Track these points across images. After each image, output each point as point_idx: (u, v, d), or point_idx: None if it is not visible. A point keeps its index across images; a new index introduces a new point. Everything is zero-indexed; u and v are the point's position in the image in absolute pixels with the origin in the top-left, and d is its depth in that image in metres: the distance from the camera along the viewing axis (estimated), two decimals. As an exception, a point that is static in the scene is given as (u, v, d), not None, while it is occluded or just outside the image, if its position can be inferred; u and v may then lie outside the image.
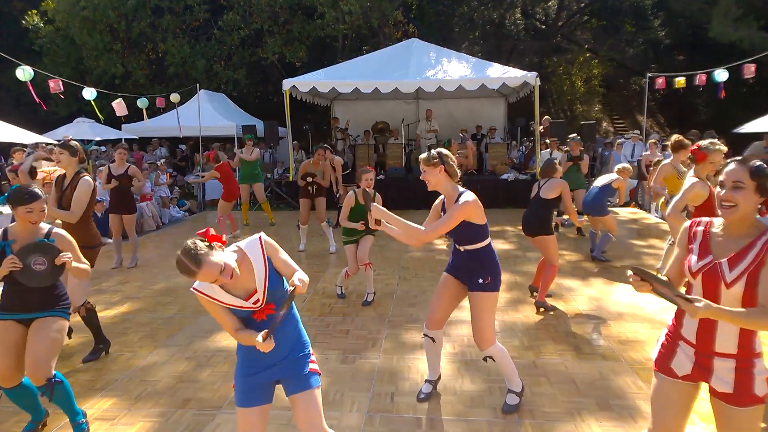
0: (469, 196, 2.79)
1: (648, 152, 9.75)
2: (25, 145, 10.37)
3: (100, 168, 6.62)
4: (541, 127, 11.32)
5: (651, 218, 9.51)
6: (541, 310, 4.67)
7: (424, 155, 2.86)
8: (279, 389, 2.20)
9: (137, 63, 17.92)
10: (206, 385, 3.43)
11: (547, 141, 11.20)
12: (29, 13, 18.34)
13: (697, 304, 1.69)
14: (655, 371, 2.03)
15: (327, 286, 5.60)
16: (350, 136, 12.89)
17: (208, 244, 1.89)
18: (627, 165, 6.59)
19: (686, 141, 5.20)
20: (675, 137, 5.30)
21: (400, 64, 11.63)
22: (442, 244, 7.53)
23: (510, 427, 2.86)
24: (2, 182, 9.17)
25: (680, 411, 1.97)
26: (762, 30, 14.94)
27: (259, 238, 2.06)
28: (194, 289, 1.99)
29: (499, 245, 7.38)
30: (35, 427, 2.87)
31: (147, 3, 17.50)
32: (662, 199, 5.56)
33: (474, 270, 2.91)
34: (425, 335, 3.13)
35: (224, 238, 1.98)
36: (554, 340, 4.03)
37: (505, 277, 5.82)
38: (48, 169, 5.36)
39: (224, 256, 1.92)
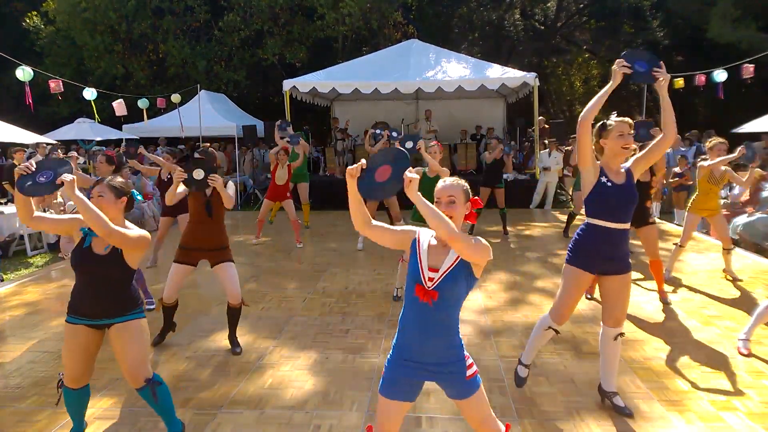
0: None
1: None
2: (25, 146, 10.39)
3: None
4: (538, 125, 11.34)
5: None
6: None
7: (629, 120, 2.88)
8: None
9: (138, 64, 17.93)
10: (207, 384, 3.44)
11: (546, 141, 11.23)
12: (30, 14, 18.36)
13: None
14: None
15: (327, 285, 5.61)
16: (350, 137, 12.92)
17: None
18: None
19: (717, 140, 5.23)
20: (714, 139, 5.31)
21: (399, 65, 11.66)
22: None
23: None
24: (3, 182, 9.16)
25: None
26: (760, 31, 14.96)
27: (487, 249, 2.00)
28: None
29: (498, 245, 7.39)
30: None
31: (148, 4, 17.52)
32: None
33: (626, 249, 2.87)
34: (550, 328, 3.01)
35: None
36: (554, 340, 4.03)
37: (504, 276, 5.84)
38: None
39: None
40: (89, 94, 9.97)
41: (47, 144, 10.88)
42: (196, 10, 17.70)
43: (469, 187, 2.10)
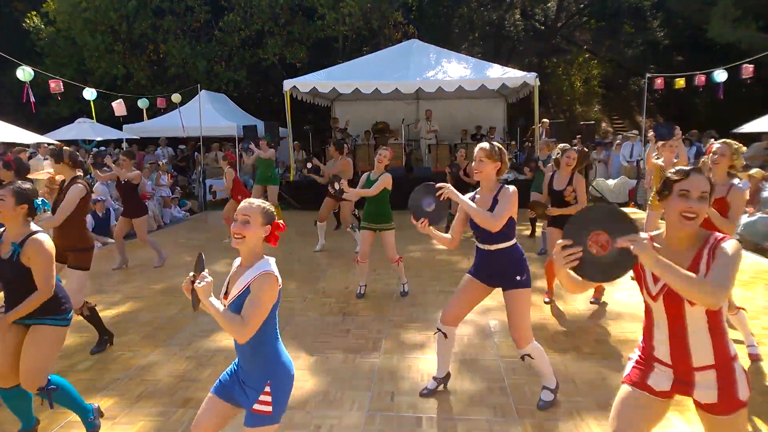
0: (512, 187, 2.93)
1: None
2: (26, 146, 10.39)
3: (105, 168, 6.60)
4: (540, 126, 11.35)
5: (650, 219, 9.52)
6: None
7: (486, 146, 2.94)
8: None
9: (138, 64, 17.93)
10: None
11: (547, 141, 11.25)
12: (30, 14, 18.35)
13: (639, 244, 1.61)
14: (625, 384, 1.94)
15: (327, 285, 5.61)
16: (350, 137, 12.92)
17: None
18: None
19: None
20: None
21: (400, 65, 11.66)
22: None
23: (510, 427, 2.87)
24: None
25: (646, 422, 1.88)
26: (760, 31, 14.96)
27: (264, 272, 2.00)
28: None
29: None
30: None
31: (148, 4, 17.52)
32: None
33: (508, 268, 2.97)
34: (438, 329, 3.17)
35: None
36: (554, 340, 4.04)
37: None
38: (52, 171, 5.35)
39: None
40: (89, 94, 9.98)
41: (48, 144, 10.88)
42: (197, 10, 17.71)
43: (272, 210, 2.09)
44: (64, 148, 4.06)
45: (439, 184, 2.78)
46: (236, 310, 1.98)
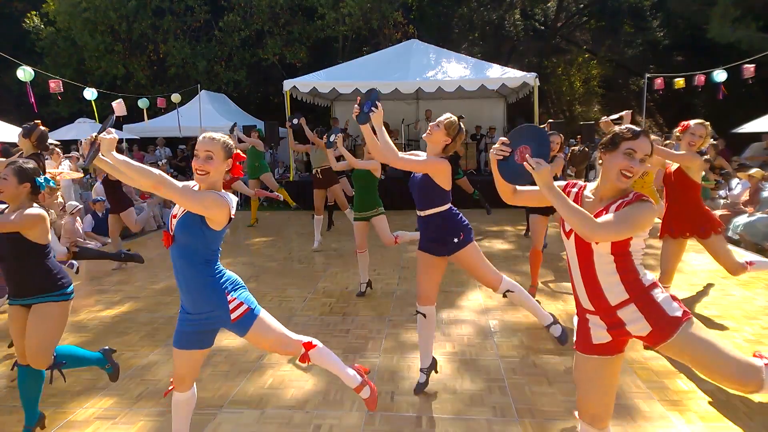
0: (443, 161, 3.00)
1: None
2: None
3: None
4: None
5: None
6: None
7: (452, 118, 2.99)
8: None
9: (138, 64, 17.94)
10: (206, 384, 3.43)
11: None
12: (29, 14, 18.36)
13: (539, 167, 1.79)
14: (578, 352, 2.04)
15: (327, 285, 5.62)
16: (350, 137, 12.92)
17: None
18: None
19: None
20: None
21: (400, 65, 11.67)
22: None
23: (510, 426, 2.87)
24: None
25: (608, 382, 1.97)
26: (760, 31, 14.95)
27: (221, 195, 2.13)
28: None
29: (498, 245, 7.39)
30: None
31: (148, 4, 17.53)
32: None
33: (443, 234, 3.05)
34: (417, 311, 3.20)
35: None
36: (554, 341, 4.04)
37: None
38: (53, 171, 5.35)
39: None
40: (90, 94, 9.98)
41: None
42: (197, 10, 17.71)
43: (232, 143, 2.16)
44: (40, 128, 4.03)
45: (378, 104, 2.90)
46: (183, 229, 2.07)
